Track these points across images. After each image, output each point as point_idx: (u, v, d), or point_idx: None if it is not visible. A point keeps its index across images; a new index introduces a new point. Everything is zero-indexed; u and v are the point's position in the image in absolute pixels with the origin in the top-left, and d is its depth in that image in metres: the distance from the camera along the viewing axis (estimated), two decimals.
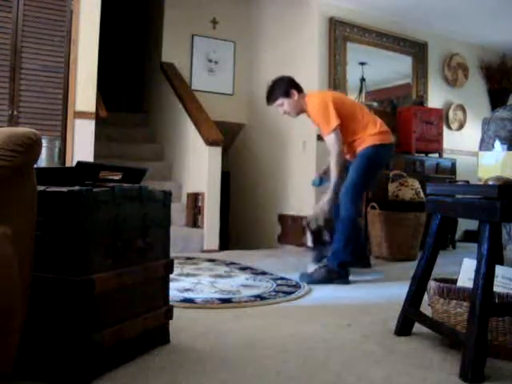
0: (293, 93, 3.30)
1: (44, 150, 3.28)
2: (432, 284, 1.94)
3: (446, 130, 5.42)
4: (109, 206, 1.55)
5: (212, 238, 4.44)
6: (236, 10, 5.77)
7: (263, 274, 3.33)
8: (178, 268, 3.28)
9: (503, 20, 5.14)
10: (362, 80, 5.19)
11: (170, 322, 1.85)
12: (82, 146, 3.80)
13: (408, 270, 2.48)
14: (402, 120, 5.03)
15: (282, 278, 3.17)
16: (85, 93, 3.84)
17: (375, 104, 5.16)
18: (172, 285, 1.98)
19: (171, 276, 1.88)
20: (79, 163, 1.65)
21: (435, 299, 1.93)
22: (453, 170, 5.20)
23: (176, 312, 1.88)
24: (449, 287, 1.87)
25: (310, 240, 3.55)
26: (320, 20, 4.89)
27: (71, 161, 3.72)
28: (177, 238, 3.85)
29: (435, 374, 1.61)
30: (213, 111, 5.01)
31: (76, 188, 1.46)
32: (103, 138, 4.78)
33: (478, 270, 1.60)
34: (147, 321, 1.71)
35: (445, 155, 5.28)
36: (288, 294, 2.74)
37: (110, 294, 1.54)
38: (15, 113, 3.60)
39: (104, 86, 4.79)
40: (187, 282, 2.94)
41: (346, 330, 2.09)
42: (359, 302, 2.66)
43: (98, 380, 1.47)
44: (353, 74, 5.11)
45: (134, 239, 1.67)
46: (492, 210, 1.57)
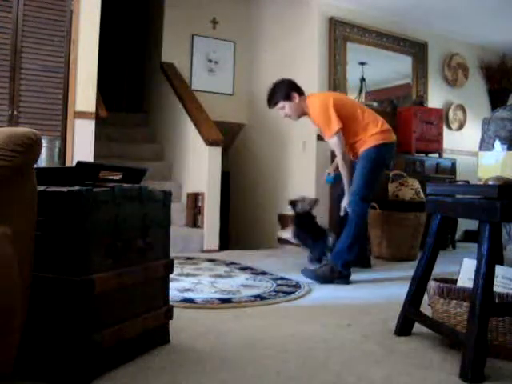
0: (293, 96, 3.29)
1: (44, 150, 3.28)
2: (432, 284, 1.94)
3: (446, 130, 5.42)
4: (109, 206, 1.55)
5: (212, 238, 4.44)
6: (236, 9, 5.77)
7: (263, 274, 3.33)
8: (178, 268, 3.28)
9: (503, 20, 5.14)
10: (362, 80, 5.19)
11: (170, 322, 1.85)
12: (82, 146, 3.80)
13: (408, 270, 2.48)
14: (402, 120, 5.03)
15: (282, 278, 3.17)
16: (85, 93, 3.84)
17: (375, 104, 5.16)
18: (172, 285, 1.99)
19: (171, 276, 1.88)
20: (79, 163, 1.65)
21: (435, 299, 1.93)
22: (453, 170, 5.21)
23: (176, 312, 1.88)
24: (449, 287, 1.87)
25: (292, 232, 3.51)
26: (320, 20, 4.89)
27: (71, 161, 3.72)
28: (177, 238, 3.85)
29: (435, 373, 1.61)
30: (213, 111, 5.01)
31: (76, 188, 1.46)
32: (103, 138, 4.78)
33: (477, 270, 1.60)
34: (147, 321, 1.71)
35: (445, 155, 5.29)
36: (288, 293, 2.74)
37: (110, 294, 1.54)
38: (15, 113, 3.60)
39: (104, 86, 4.79)
40: (187, 282, 2.94)
41: (346, 330, 2.09)
42: (359, 302, 2.66)
43: (98, 380, 1.47)
44: (353, 74, 5.11)
45: (134, 239, 1.67)
46: (492, 210, 1.57)
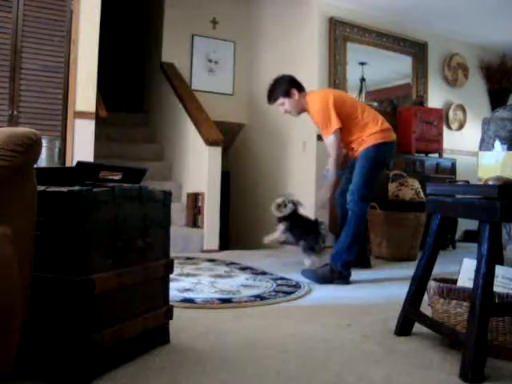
0: (293, 92, 3.29)
1: (44, 150, 3.28)
2: (432, 284, 1.94)
3: (446, 130, 5.42)
4: (109, 206, 1.55)
5: (212, 238, 4.44)
6: (236, 9, 5.77)
7: (263, 273, 3.33)
8: (178, 268, 3.28)
9: (503, 20, 5.14)
10: (362, 80, 5.19)
11: (170, 322, 1.85)
12: (82, 146, 3.80)
13: (408, 270, 2.48)
14: (402, 120, 5.03)
15: (282, 278, 3.17)
16: (85, 93, 3.84)
17: (375, 104, 5.16)
18: (172, 285, 1.98)
19: (171, 276, 1.88)
20: (79, 163, 1.65)
21: (435, 299, 1.93)
22: (453, 170, 5.21)
23: (176, 312, 1.88)
24: (449, 287, 1.87)
25: (283, 228, 3.50)
26: (320, 20, 4.89)
27: (71, 161, 3.72)
28: (177, 238, 3.85)
29: (435, 374, 1.61)
30: (213, 111, 5.01)
31: (76, 188, 1.46)
32: (103, 138, 4.78)
33: (477, 270, 1.60)
34: (147, 321, 1.71)
35: (445, 155, 5.29)
36: (288, 293, 2.74)
37: (110, 294, 1.54)
38: (15, 113, 3.60)
39: (104, 86, 4.79)
40: (187, 282, 2.94)
41: (346, 330, 2.09)
42: (359, 302, 2.66)
43: (98, 380, 1.47)
44: (353, 74, 5.11)
45: (134, 239, 1.67)
46: (492, 210, 1.57)
